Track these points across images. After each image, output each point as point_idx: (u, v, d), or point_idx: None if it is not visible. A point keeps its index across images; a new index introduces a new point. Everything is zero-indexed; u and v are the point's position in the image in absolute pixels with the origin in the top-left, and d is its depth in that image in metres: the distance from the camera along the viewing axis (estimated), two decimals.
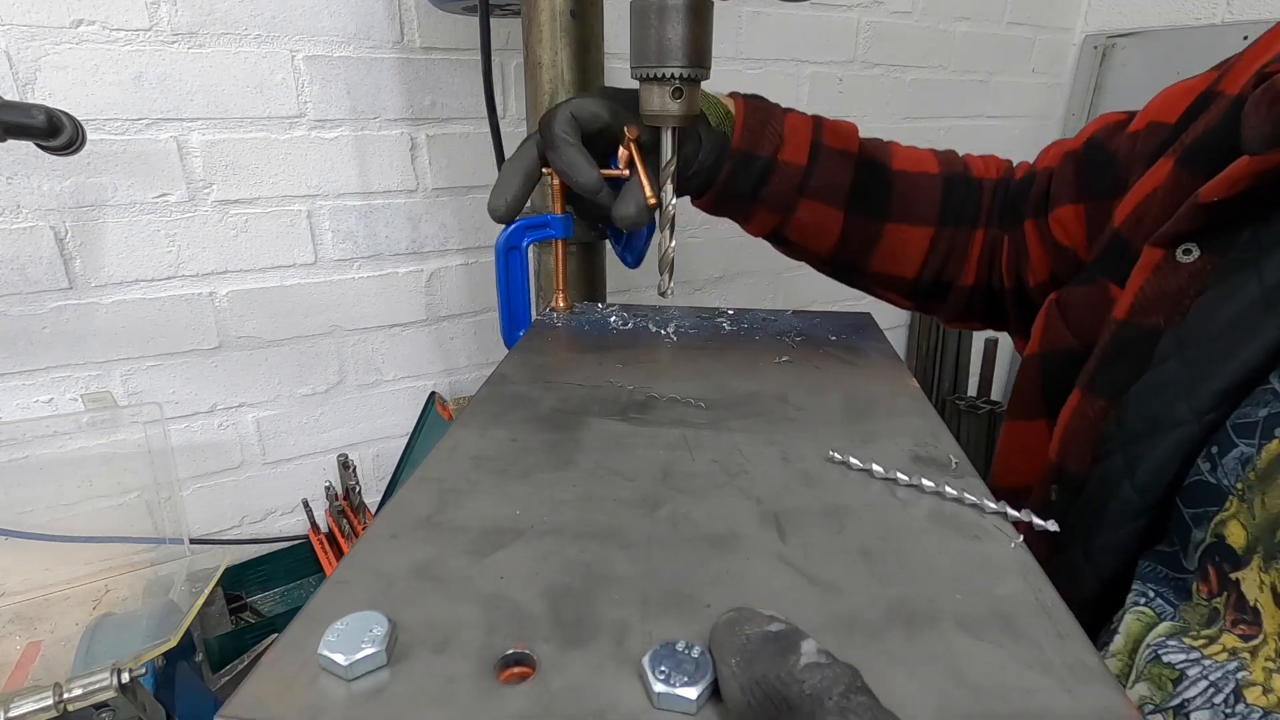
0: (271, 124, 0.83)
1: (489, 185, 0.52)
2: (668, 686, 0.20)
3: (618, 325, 0.52)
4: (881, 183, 0.61)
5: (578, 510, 0.30)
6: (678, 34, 0.46)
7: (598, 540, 0.28)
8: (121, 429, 0.81)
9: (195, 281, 0.84)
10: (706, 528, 0.29)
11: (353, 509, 0.93)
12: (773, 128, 0.58)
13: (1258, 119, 0.38)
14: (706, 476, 0.32)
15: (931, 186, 0.62)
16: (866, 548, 0.27)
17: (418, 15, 0.86)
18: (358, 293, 0.94)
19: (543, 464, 0.33)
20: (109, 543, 0.81)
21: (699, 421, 0.37)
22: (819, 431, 0.37)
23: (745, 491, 0.31)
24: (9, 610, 0.75)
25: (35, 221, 0.75)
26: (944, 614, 0.24)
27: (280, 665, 0.22)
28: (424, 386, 1.03)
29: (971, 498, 0.30)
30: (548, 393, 0.41)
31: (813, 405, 0.40)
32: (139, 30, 0.74)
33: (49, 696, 0.54)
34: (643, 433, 0.36)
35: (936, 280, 0.63)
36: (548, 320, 0.54)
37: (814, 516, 0.29)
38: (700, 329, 0.52)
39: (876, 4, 1.22)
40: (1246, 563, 0.33)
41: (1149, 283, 0.43)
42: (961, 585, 0.25)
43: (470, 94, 0.92)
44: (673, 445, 0.35)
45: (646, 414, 0.38)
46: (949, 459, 0.34)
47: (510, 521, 0.29)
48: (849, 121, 0.62)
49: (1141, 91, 0.55)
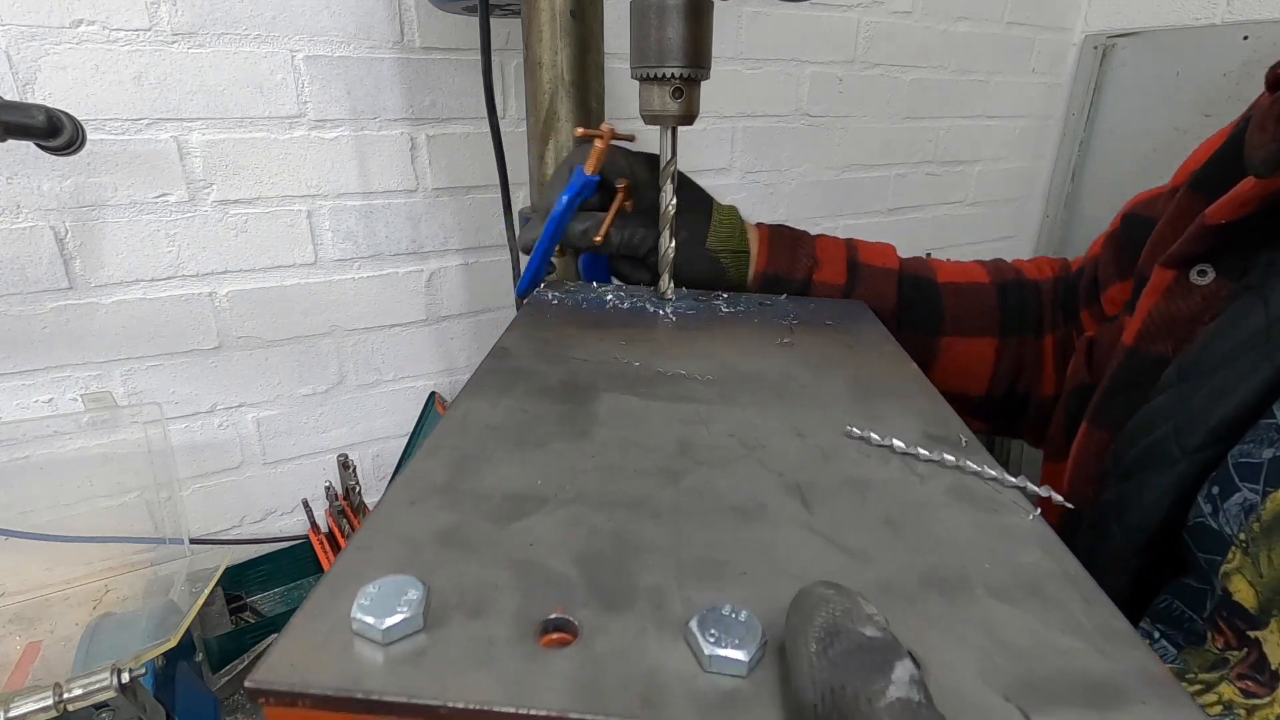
0: (271, 124, 0.83)
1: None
2: (718, 648, 0.20)
3: (616, 304, 0.52)
4: (930, 296, 0.58)
5: (599, 479, 0.29)
6: (678, 34, 0.46)
7: (623, 509, 0.28)
8: (121, 429, 0.81)
9: (195, 281, 0.84)
10: (731, 498, 0.29)
11: (353, 509, 0.93)
12: (804, 250, 0.57)
13: (1261, 139, 0.36)
14: (725, 449, 0.32)
15: (984, 296, 0.59)
16: (891, 518, 0.28)
17: (418, 15, 0.86)
18: (358, 293, 0.94)
19: (558, 434, 0.33)
20: (109, 543, 0.81)
21: (709, 398, 0.37)
22: (829, 409, 0.37)
23: (765, 464, 0.31)
24: (9, 610, 0.75)
25: (35, 221, 0.75)
26: (974, 581, 0.24)
27: (310, 630, 0.21)
28: (424, 386, 1.03)
29: (991, 472, 0.30)
30: (554, 366, 0.40)
31: (819, 385, 0.40)
32: (139, 30, 0.74)
33: (49, 696, 0.54)
34: (655, 407, 0.36)
35: (1010, 394, 0.59)
36: (543, 296, 0.53)
37: (836, 489, 0.30)
38: (698, 311, 0.51)
39: (876, 4, 1.22)
40: (1264, 624, 0.31)
41: (1158, 307, 0.41)
42: (987, 555, 0.26)
43: (470, 94, 0.92)
44: (687, 419, 0.35)
45: (656, 388, 0.38)
46: (959, 438, 0.34)
47: (532, 489, 0.29)
48: (885, 243, 0.60)
49: (1142, 91, 0.55)
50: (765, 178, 1.22)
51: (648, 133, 0.51)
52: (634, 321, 0.49)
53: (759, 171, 1.21)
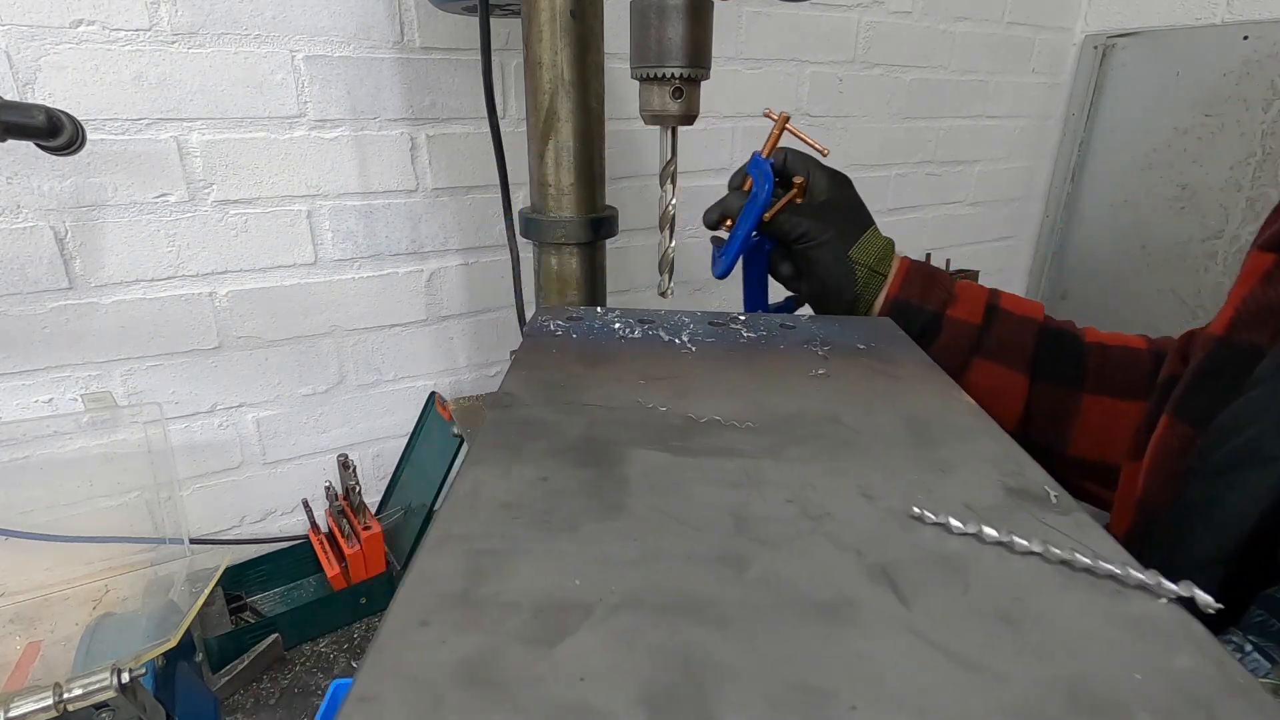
0: (271, 124, 0.83)
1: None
2: None
3: (625, 333, 0.48)
4: (1073, 351, 0.54)
5: (647, 573, 0.25)
6: (678, 34, 0.46)
7: (684, 615, 0.23)
8: (121, 429, 0.81)
9: (195, 281, 0.84)
10: (808, 591, 0.24)
11: (353, 509, 0.93)
12: (941, 284, 0.55)
13: None
14: (786, 522, 0.28)
15: (1136, 358, 0.53)
16: (1004, 612, 0.23)
17: (418, 15, 0.86)
18: (358, 293, 0.94)
19: (587, 511, 0.28)
20: (109, 543, 0.81)
21: (752, 450, 0.33)
22: (888, 457, 0.33)
23: (836, 540, 0.27)
24: (9, 610, 0.75)
25: (35, 221, 0.75)
26: (1130, 701, 0.20)
27: None
28: (424, 386, 1.03)
29: (1109, 566, 0.25)
30: (568, 417, 0.36)
31: (870, 426, 0.36)
32: (139, 30, 0.74)
33: (49, 696, 0.54)
34: (692, 465, 0.32)
35: None
36: (543, 328, 0.49)
37: (927, 571, 0.25)
38: (718, 338, 0.47)
39: (876, 4, 1.22)
40: None
41: (1254, 293, 0.38)
42: (1132, 659, 0.22)
43: (470, 94, 0.92)
44: (734, 482, 0.30)
45: (689, 441, 0.34)
46: (1045, 491, 0.30)
47: (570, 593, 0.24)
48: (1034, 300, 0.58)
49: (1142, 91, 0.54)
50: None
51: (650, 133, 0.51)
52: (649, 353, 0.45)
53: None
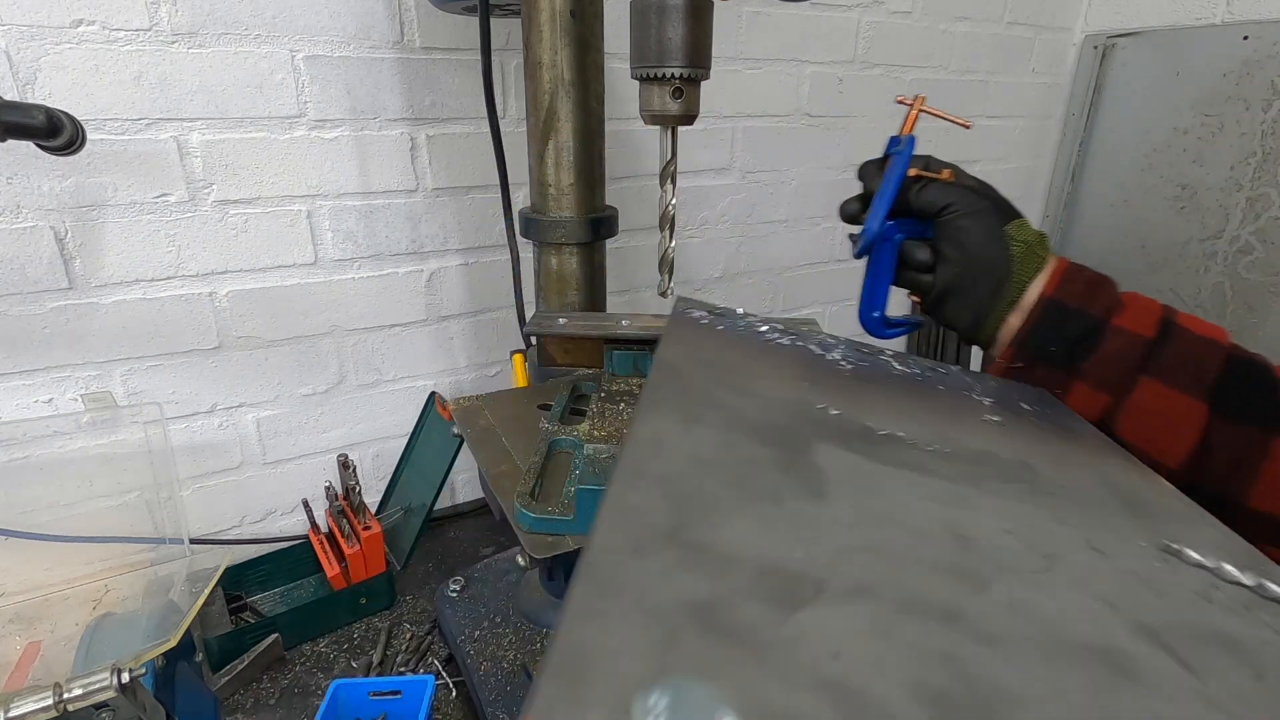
0: (271, 124, 0.83)
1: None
2: None
3: (773, 338, 0.45)
4: (1265, 385, 0.47)
5: (876, 565, 0.22)
6: (678, 34, 0.46)
7: (935, 620, 0.20)
8: (121, 429, 0.81)
9: (195, 281, 0.84)
10: (1073, 632, 0.21)
11: (353, 509, 0.93)
12: (1107, 289, 0.50)
13: None
14: (1015, 553, 0.25)
15: None
16: None
17: (418, 15, 0.86)
18: (358, 293, 0.94)
19: (788, 488, 0.26)
20: (109, 543, 0.81)
21: (949, 474, 0.30)
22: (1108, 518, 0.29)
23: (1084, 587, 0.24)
24: (9, 610, 0.75)
25: (35, 221, 0.75)
26: None
27: None
28: (424, 386, 1.03)
29: None
30: (740, 398, 0.33)
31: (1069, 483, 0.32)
32: (139, 30, 0.74)
33: (49, 696, 0.54)
34: (890, 474, 0.29)
35: None
36: (689, 313, 0.46)
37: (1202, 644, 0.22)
38: (871, 365, 0.44)
39: (876, 4, 1.22)
40: None
41: None
42: None
43: (470, 94, 0.92)
44: (942, 499, 0.28)
45: (877, 449, 0.31)
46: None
47: (794, 563, 0.21)
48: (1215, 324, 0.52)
49: (1142, 91, 0.54)
50: (765, 178, 1.22)
51: (650, 133, 0.51)
52: (804, 361, 0.42)
53: (759, 171, 1.21)
